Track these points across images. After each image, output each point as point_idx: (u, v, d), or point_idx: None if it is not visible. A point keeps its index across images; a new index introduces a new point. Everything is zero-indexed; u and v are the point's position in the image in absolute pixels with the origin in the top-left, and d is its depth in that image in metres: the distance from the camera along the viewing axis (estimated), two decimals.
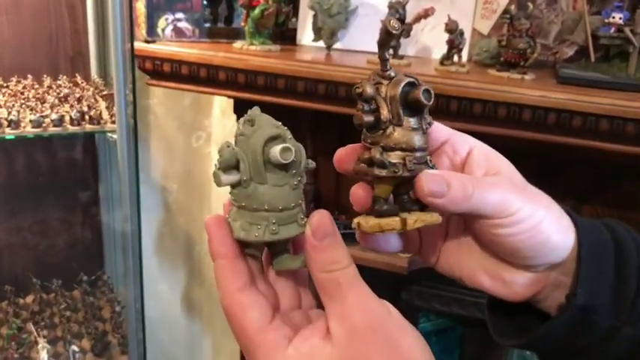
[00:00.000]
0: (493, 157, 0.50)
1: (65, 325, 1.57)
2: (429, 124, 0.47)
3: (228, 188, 0.45)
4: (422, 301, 1.46)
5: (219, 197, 1.96)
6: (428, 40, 1.31)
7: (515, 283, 0.50)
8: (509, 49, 1.15)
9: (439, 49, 1.23)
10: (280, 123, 0.45)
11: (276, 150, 0.43)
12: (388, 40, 0.44)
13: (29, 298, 1.70)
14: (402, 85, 0.45)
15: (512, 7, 1.16)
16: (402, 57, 1.22)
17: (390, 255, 1.27)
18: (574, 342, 0.50)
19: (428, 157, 0.47)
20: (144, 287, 1.56)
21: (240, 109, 1.45)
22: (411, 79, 0.45)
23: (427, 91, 0.45)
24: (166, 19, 1.31)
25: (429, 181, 0.45)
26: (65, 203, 1.83)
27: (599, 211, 1.34)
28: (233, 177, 0.44)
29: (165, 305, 2.09)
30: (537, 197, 0.49)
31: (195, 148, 1.95)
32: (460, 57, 1.20)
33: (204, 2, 1.36)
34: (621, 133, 1.03)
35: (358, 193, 0.49)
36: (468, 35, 1.25)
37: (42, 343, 1.43)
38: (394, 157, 0.45)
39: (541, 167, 1.27)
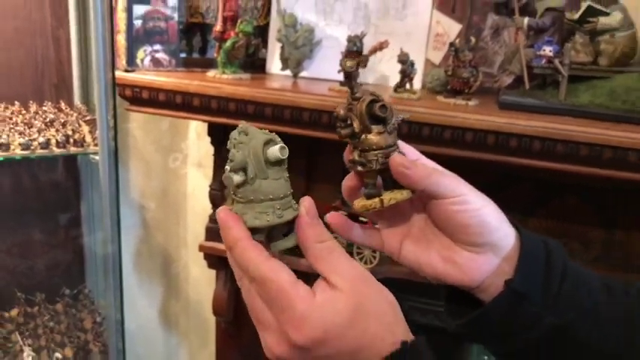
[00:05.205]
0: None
1: (49, 335, 1.64)
2: (397, 120, 0.60)
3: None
4: None
5: (195, 215, 2.06)
6: (385, 70, 1.43)
7: (465, 266, 0.61)
8: (454, 77, 1.26)
9: (395, 78, 1.34)
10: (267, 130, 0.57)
11: (275, 149, 0.53)
12: (348, 74, 0.59)
13: (14, 312, 1.76)
14: (366, 103, 0.59)
15: (457, 40, 1.28)
16: (360, 85, 1.33)
17: None
18: (504, 327, 0.61)
19: (397, 151, 0.60)
20: (123, 302, 1.64)
21: (215, 132, 1.54)
22: (373, 97, 0.59)
23: (383, 106, 0.59)
24: (145, 51, 1.42)
25: (399, 157, 0.59)
26: (48, 223, 1.89)
27: (544, 224, 1.44)
28: (241, 177, 0.54)
29: (143, 319, 2.15)
30: (481, 194, 0.62)
31: (172, 168, 2.04)
32: (412, 85, 1.31)
33: (180, 34, 1.47)
34: (552, 152, 1.15)
35: (346, 185, 0.65)
36: (421, 65, 1.37)
37: (27, 351, 1.50)
38: (370, 156, 0.59)
39: (487, 184, 1.37)
